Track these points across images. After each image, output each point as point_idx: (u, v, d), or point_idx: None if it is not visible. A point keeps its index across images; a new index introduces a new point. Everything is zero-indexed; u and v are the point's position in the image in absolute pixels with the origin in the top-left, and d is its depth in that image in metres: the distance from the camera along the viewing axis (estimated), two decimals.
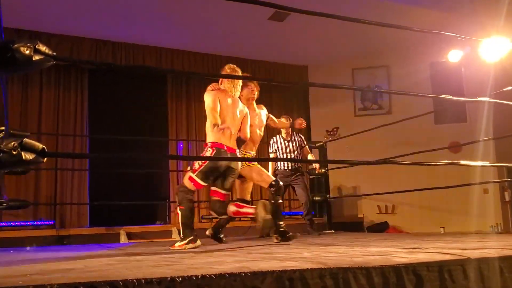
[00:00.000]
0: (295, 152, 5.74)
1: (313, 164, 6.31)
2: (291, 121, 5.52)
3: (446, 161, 2.91)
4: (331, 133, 8.17)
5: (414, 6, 6.38)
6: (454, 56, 6.45)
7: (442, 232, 6.22)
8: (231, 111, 3.73)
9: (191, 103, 7.99)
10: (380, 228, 7.15)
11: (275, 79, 8.59)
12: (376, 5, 6.25)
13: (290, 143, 5.78)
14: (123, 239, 5.85)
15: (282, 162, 5.73)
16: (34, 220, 6.28)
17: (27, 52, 1.61)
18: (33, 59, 1.62)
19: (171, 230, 6.32)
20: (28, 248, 4.36)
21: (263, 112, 4.45)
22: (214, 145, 3.61)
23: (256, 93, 4.23)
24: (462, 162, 2.92)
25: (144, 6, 6.30)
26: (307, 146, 5.88)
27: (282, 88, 8.83)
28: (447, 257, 1.99)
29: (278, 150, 5.78)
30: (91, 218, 6.91)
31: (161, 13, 6.49)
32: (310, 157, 5.79)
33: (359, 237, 4.84)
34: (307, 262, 2.01)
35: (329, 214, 6.53)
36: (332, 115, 7.96)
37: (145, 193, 7.70)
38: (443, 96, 3.43)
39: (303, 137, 5.94)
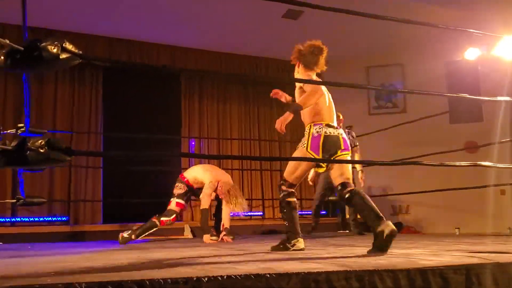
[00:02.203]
0: None
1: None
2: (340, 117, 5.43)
3: (467, 162, 2.85)
4: (345, 132, 8.15)
5: (430, 4, 6.31)
6: (470, 54, 6.37)
7: (457, 233, 6.15)
8: None
9: (204, 100, 8.00)
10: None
11: (288, 77, 8.55)
12: (391, 2, 6.19)
13: None
14: None
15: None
16: (49, 216, 6.33)
17: (55, 50, 1.61)
18: (60, 57, 1.62)
19: (183, 227, 6.33)
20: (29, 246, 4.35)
21: None
22: None
23: None
24: (483, 163, 2.86)
25: (157, 5, 6.30)
26: (358, 147, 5.65)
27: (295, 85, 8.80)
28: (475, 261, 1.96)
29: None
30: (105, 215, 6.94)
31: (174, 11, 6.48)
32: (356, 157, 5.58)
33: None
34: (331, 264, 2.00)
35: (343, 215, 6.50)
36: (346, 114, 7.83)
37: (157, 190, 7.72)
38: (459, 95, 3.39)
39: (355, 137, 5.68)
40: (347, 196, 2.90)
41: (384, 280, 1.77)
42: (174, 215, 4.79)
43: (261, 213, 7.76)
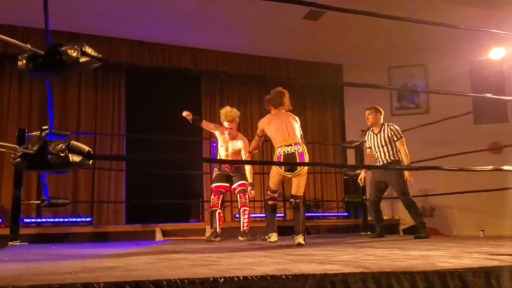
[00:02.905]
0: (385, 146, 5.18)
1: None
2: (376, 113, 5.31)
3: (487, 167, 2.81)
4: (366, 132, 8.05)
5: (455, 3, 6.21)
6: (495, 53, 6.26)
7: (482, 236, 6.04)
8: None
9: (224, 101, 8.02)
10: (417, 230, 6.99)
11: (309, 78, 8.52)
12: (415, 1, 6.11)
13: (378, 136, 5.25)
14: (158, 236, 5.92)
15: (378, 158, 5.26)
16: (73, 217, 6.44)
17: (75, 54, 1.65)
18: (80, 61, 1.66)
19: (205, 228, 6.37)
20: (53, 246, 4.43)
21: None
22: None
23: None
24: (504, 167, 2.81)
25: (178, 8, 6.36)
26: (403, 140, 5.14)
27: (316, 87, 8.78)
28: (495, 263, 1.93)
29: (371, 145, 5.36)
30: (127, 216, 7.03)
31: (195, 14, 6.52)
32: (402, 149, 5.10)
33: (397, 239, 4.77)
34: (348, 265, 1.99)
35: (364, 216, 6.43)
36: None
37: (179, 191, 7.80)
38: (482, 95, 3.34)
39: (396, 129, 5.20)
40: (293, 203, 4.17)
41: (401, 282, 1.76)
42: (216, 195, 5.24)
43: (283, 215, 7.74)
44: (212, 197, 5.28)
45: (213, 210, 5.23)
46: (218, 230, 5.15)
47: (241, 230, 5.21)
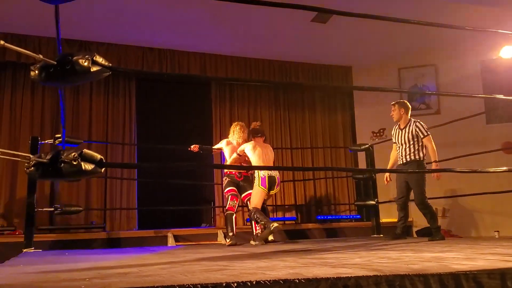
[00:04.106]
0: (407, 143, 4.96)
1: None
2: (400, 108, 5.09)
3: (504, 168, 2.79)
4: (377, 134, 8.00)
5: (464, 3, 6.17)
6: (507, 52, 6.21)
7: (497, 237, 5.97)
8: None
9: (234, 106, 8.04)
10: (431, 232, 6.94)
11: (319, 81, 8.50)
12: (423, 1, 6.09)
13: (403, 132, 5.03)
14: (171, 241, 5.94)
15: (400, 154, 5.05)
16: (86, 223, 6.49)
17: (85, 64, 1.67)
18: (91, 70, 1.68)
19: (217, 233, 6.37)
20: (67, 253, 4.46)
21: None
22: None
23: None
24: None
25: (187, 14, 6.39)
26: (429, 137, 4.93)
27: (326, 89, 8.77)
28: (510, 264, 1.90)
29: (395, 140, 5.17)
30: (140, 222, 7.07)
31: (204, 19, 6.56)
32: (430, 151, 4.87)
33: (410, 242, 4.73)
34: (361, 268, 1.98)
35: (377, 218, 6.38)
36: (378, 116, 7.77)
37: (190, 197, 7.83)
38: (493, 96, 3.32)
39: (422, 126, 4.98)
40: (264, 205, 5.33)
41: (415, 285, 1.74)
42: (234, 198, 5.30)
43: (295, 218, 7.73)
44: (230, 201, 5.25)
45: (229, 213, 5.20)
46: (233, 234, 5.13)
47: (254, 234, 5.21)
